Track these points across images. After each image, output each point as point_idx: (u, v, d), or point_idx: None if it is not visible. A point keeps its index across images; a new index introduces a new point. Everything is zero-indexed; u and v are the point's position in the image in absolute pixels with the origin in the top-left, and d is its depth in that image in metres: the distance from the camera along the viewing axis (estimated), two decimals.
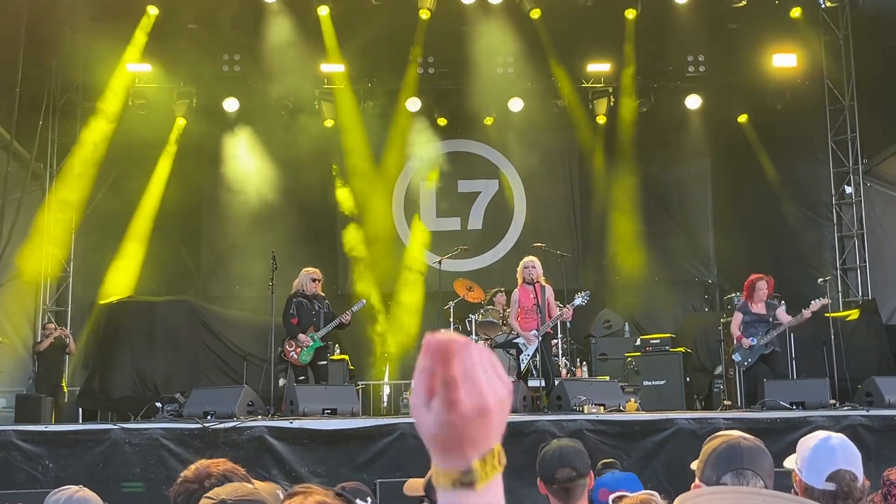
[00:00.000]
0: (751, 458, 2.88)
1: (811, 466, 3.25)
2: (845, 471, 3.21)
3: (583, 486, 3.93)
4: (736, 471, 2.85)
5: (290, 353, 11.42)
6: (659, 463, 8.91)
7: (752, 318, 11.42)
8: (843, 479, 3.20)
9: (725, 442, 2.93)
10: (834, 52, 16.70)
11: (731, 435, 2.97)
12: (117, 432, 9.02)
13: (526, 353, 11.12)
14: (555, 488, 3.91)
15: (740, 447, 2.90)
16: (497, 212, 17.15)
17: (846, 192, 16.79)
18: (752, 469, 2.85)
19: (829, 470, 3.22)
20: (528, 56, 16.34)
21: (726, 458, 2.89)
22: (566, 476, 3.90)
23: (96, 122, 15.56)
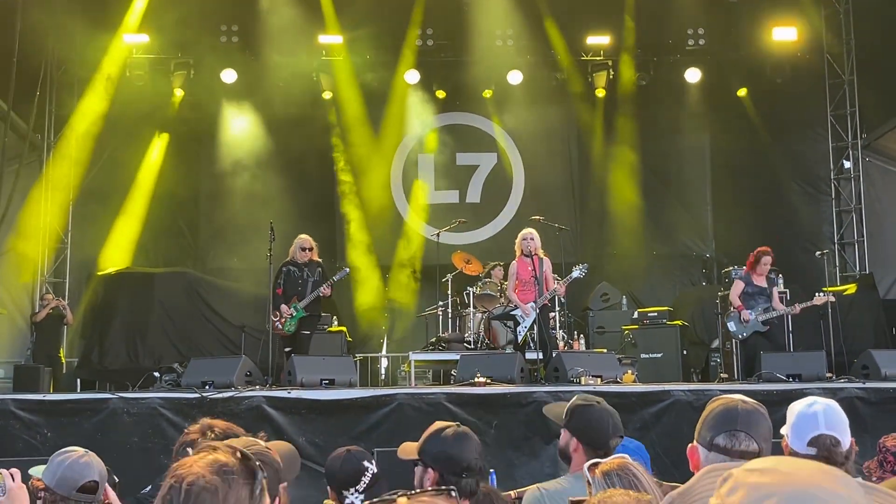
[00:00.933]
0: (746, 420, 2.89)
1: (795, 431, 3.29)
2: (826, 435, 3.23)
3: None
4: (730, 432, 2.87)
5: (276, 324, 11.42)
6: (655, 434, 8.93)
7: (754, 290, 11.42)
8: (824, 443, 3.23)
9: (724, 404, 2.95)
10: (834, 26, 16.64)
11: (731, 398, 2.98)
12: (116, 402, 9.03)
13: (523, 325, 11.13)
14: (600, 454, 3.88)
15: (737, 409, 2.91)
16: (495, 185, 17.14)
17: (845, 166, 16.78)
18: (746, 431, 2.87)
19: (811, 435, 3.25)
20: (528, 28, 16.29)
21: (722, 419, 2.90)
22: (616, 444, 3.96)
23: (93, 93, 15.50)
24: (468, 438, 3.74)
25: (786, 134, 16.84)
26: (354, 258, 16.22)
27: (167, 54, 16.22)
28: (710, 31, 16.60)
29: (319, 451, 8.30)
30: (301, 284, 11.40)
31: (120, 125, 15.68)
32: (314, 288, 11.37)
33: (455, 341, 13.18)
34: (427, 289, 15.45)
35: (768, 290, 11.44)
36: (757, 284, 11.43)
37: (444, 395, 9.17)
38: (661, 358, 13.44)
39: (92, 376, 14.45)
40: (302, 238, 11.68)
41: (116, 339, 14.47)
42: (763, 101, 16.79)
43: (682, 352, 13.56)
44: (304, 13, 15.57)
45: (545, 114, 17.27)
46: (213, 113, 16.44)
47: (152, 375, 11.00)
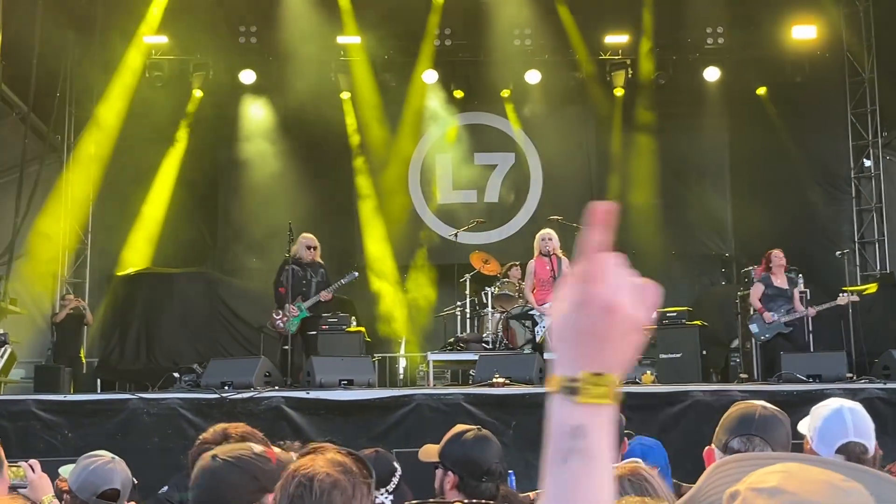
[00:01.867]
0: (762, 425, 2.87)
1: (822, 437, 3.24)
2: (855, 443, 3.20)
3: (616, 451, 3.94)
4: (745, 436, 2.86)
5: (277, 323, 11.42)
6: (675, 434, 8.89)
7: (775, 292, 11.38)
8: (853, 451, 3.19)
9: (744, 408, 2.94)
10: (854, 24, 16.52)
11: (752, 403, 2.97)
12: (135, 402, 9.08)
13: (541, 325, 11.13)
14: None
15: (755, 415, 2.90)
16: (514, 184, 17.11)
17: (865, 165, 16.68)
18: (762, 436, 2.85)
19: (839, 442, 3.21)
20: (546, 28, 16.26)
21: (739, 423, 2.89)
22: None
23: (113, 95, 15.57)
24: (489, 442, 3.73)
25: (805, 132, 16.73)
26: (373, 258, 16.25)
27: (186, 55, 16.28)
28: (729, 29, 16.51)
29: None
30: (305, 284, 11.40)
31: (139, 126, 15.72)
32: (318, 288, 11.36)
33: (473, 341, 13.17)
34: (445, 289, 15.43)
35: (789, 291, 11.39)
36: (777, 286, 11.38)
37: (462, 396, 9.18)
38: (680, 358, 13.34)
39: (112, 376, 14.52)
40: (306, 237, 11.67)
41: (136, 339, 14.55)
42: (782, 99, 16.70)
43: (701, 352, 13.46)
44: (322, 14, 15.58)
45: (563, 113, 17.23)
46: (232, 113, 16.50)
47: (172, 376, 11.05)
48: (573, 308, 1.35)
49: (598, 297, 1.35)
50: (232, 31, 16.17)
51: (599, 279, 1.35)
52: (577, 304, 1.35)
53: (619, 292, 1.35)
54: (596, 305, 1.34)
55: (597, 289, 1.35)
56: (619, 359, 1.35)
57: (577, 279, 1.36)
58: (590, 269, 1.36)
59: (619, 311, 1.34)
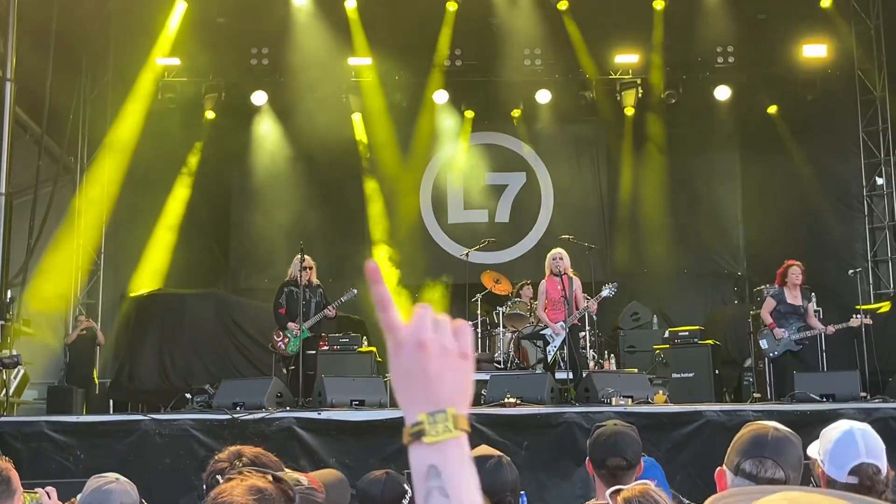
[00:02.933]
0: (775, 447, 2.86)
1: (833, 459, 3.22)
2: (868, 464, 3.18)
3: (631, 475, 3.93)
4: (758, 458, 2.84)
5: (278, 344, 11.45)
6: (688, 455, 8.86)
7: (787, 309, 11.29)
8: (866, 472, 3.17)
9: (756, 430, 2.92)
10: (865, 42, 16.51)
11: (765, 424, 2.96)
12: (147, 423, 9.09)
13: (553, 345, 11.10)
14: (603, 473, 3.91)
15: (767, 436, 2.88)
16: (525, 204, 17.13)
17: (877, 183, 16.63)
18: (774, 459, 2.83)
19: (852, 464, 3.19)
20: (556, 47, 16.31)
21: (751, 445, 2.88)
22: (616, 465, 3.91)
23: (126, 116, 15.66)
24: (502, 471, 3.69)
25: (817, 151, 16.70)
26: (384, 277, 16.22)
27: (199, 77, 16.37)
28: (740, 48, 16.51)
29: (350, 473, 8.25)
30: (305, 305, 11.45)
31: (152, 147, 15.79)
32: (317, 309, 11.41)
33: (485, 361, 13.15)
34: (456, 308, 15.41)
35: (803, 307, 11.32)
36: (790, 303, 11.30)
37: (473, 416, 9.06)
38: (692, 378, 13.31)
39: (124, 397, 14.54)
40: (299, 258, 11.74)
41: (148, 360, 14.57)
42: (794, 118, 16.69)
43: (714, 371, 13.43)
44: (333, 35, 15.67)
45: (574, 132, 17.29)
46: (244, 135, 16.59)
47: (184, 397, 11.06)
48: (392, 357, 1.45)
49: (405, 339, 1.43)
50: (244, 52, 16.26)
51: (401, 324, 1.44)
52: (393, 352, 1.44)
53: (425, 330, 1.44)
54: (407, 348, 1.43)
55: (402, 332, 1.44)
56: (451, 392, 1.44)
57: (385, 330, 1.45)
58: (389, 319, 1.46)
59: (431, 346, 1.43)
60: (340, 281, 14.51)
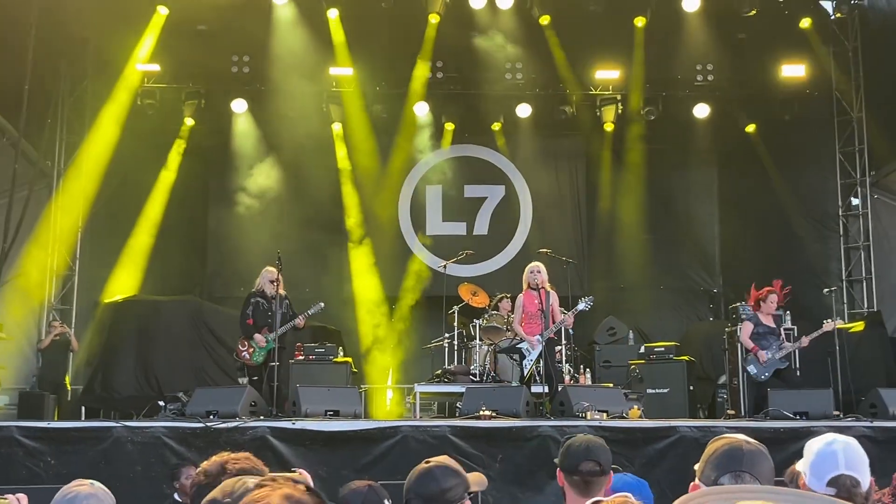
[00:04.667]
0: (751, 461, 2.86)
1: (814, 471, 3.24)
2: (846, 476, 3.19)
3: (602, 483, 3.94)
4: (735, 473, 2.84)
5: (243, 354, 11.41)
6: (662, 470, 8.87)
7: (764, 330, 11.38)
8: (844, 484, 3.18)
9: (728, 444, 2.92)
10: (843, 64, 16.66)
11: (734, 438, 2.96)
12: (120, 430, 9.01)
13: (529, 358, 11.10)
14: (576, 479, 3.91)
15: (742, 450, 2.88)
16: (503, 217, 17.16)
17: (853, 203, 16.76)
18: (751, 473, 2.84)
19: (830, 475, 3.20)
20: (537, 62, 16.37)
21: (727, 459, 2.87)
22: (590, 469, 3.91)
23: (105, 122, 15.57)
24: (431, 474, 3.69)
25: (794, 170, 16.83)
26: (361, 288, 16.24)
27: (179, 83, 16.32)
28: (719, 67, 16.62)
29: (323, 483, 8.25)
30: (271, 316, 11.42)
31: (130, 153, 15.70)
32: (284, 320, 11.37)
33: (461, 374, 13.14)
34: (433, 320, 15.40)
35: (777, 329, 11.42)
36: (766, 324, 11.40)
37: (448, 428, 9.14)
38: (667, 393, 13.36)
39: (96, 404, 14.41)
40: (269, 270, 11.73)
41: (121, 367, 14.44)
42: (771, 137, 16.81)
43: (688, 387, 13.48)
44: (314, 45, 15.65)
45: (554, 147, 17.35)
46: (223, 142, 16.53)
47: (157, 404, 10.98)
48: None
49: None
50: (224, 60, 16.22)
51: None
52: None
53: None
54: None
55: None
56: None
57: None
58: None
59: None
60: (316, 291, 14.47)
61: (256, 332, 11.41)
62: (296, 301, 12.19)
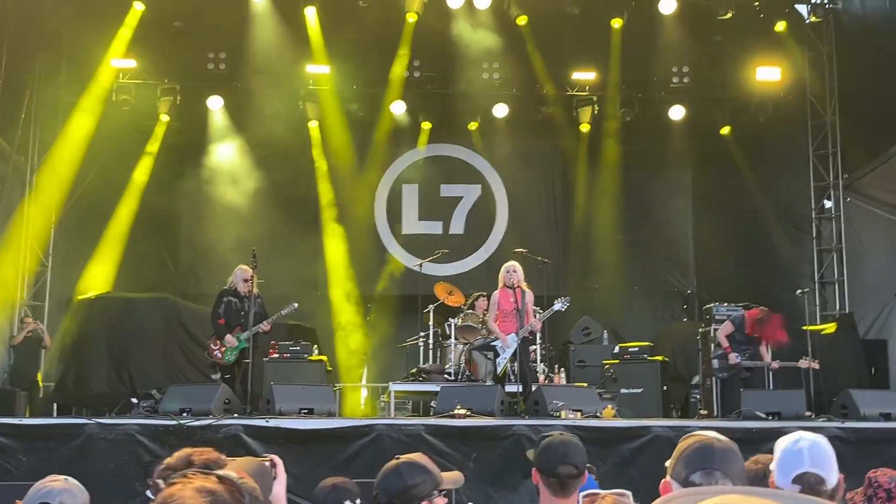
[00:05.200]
0: (722, 459, 2.89)
1: (780, 468, 3.27)
2: (810, 473, 3.21)
3: (578, 483, 3.96)
4: (706, 470, 2.87)
5: (215, 353, 11.37)
6: (635, 470, 8.92)
7: (743, 339, 11.48)
8: (808, 481, 3.21)
9: (699, 441, 2.94)
10: (817, 67, 16.80)
11: (705, 435, 2.98)
12: (92, 427, 8.95)
13: (503, 357, 11.12)
14: (552, 481, 3.93)
15: (713, 447, 2.91)
16: (479, 216, 17.18)
17: (826, 206, 16.89)
18: (722, 470, 2.87)
19: (796, 472, 3.23)
20: (514, 62, 16.39)
21: (698, 457, 2.90)
22: (567, 473, 3.93)
23: (79, 117, 15.47)
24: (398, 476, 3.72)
25: (768, 173, 16.94)
26: (336, 286, 16.21)
27: (154, 80, 16.22)
28: (695, 69, 16.71)
29: (297, 482, 8.22)
30: (244, 316, 11.37)
31: (105, 149, 15.60)
32: (256, 319, 11.33)
33: (435, 372, 13.15)
34: (408, 319, 15.39)
35: (757, 340, 11.50)
36: (748, 335, 11.50)
37: (423, 427, 9.14)
38: (641, 393, 13.42)
39: (69, 401, 14.31)
40: (243, 269, 11.68)
41: (94, 364, 14.35)
42: (746, 139, 16.91)
43: (662, 387, 13.56)
44: (291, 42, 15.61)
45: (530, 147, 17.39)
46: (199, 139, 16.44)
47: (130, 401, 10.93)
48: None
49: None
50: (201, 57, 16.14)
51: None
52: None
53: None
54: None
55: None
56: None
57: None
58: None
59: None
60: (291, 289, 14.43)
61: (228, 332, 11.36)
62: (270, 299, 12.16)
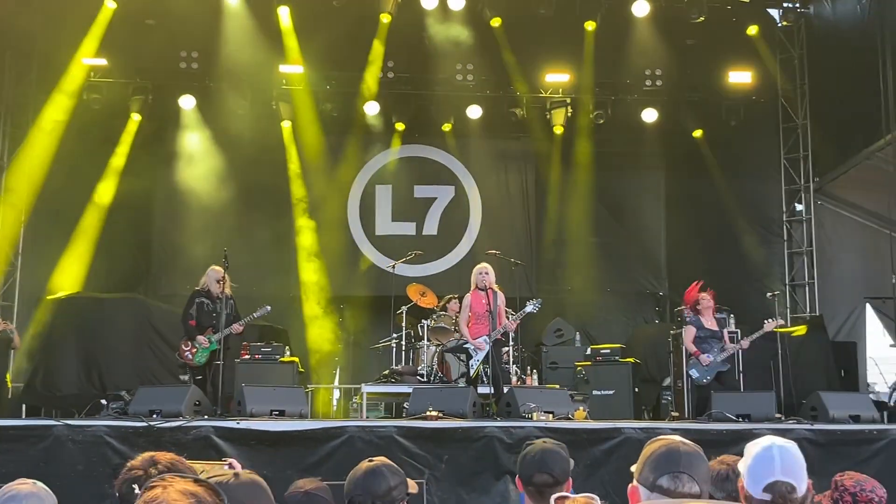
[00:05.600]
0: (688, 462, 2.89)
1: (751, 475, 3.25)
2: (782, 482, 3.20)
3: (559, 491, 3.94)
4: (673, 474, 2.87)
5: (185, 354, 11.29)
6: (606, 471, 8.94)
7: (706, 334, 11.50)
8: (779, 490, 3.20)
9: (665, 445, 2.95)
10: (789, 71, 16.92)
11: (671, 439, 2.99)
12: (60, 429, 8.86)
13: (476, 359, 11.12)
14: (531, 489, 3.94)
15: (679, 451, 2.91)
16: (453, 218, 17.17)
17: (797, 209, 17.02)
18: (689, 473, 2.87)
19: (767, 481, 3.22)
20: (488, 64, 16.41)
21: (665, 460, 2.90)
22: (542, 481, 3.92)
23: (49, 116, 15.33)
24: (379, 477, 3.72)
25: (740, 175, 17.05)
26: (309, 287, 16.15)
27: (126, 78, 16.11)
28: (668, 72, 16.78)
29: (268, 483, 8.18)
30: (215, 317, 11.30)
31: (76, 148, 15.46)
32: (228, 321, 11.25)
33: (408, 374, 13.14)
34: (381, 321, 15.37)
35: (720, 332, 11.55)
36: (708, 328, 11.53)
37: (395, 429, 9.11)
38: (612, 395, 13.46)
39: (37, 402, 14.15)
40: (215, 269, 11.59)
41: (64, 365, 14.20)
42: (718, 142, 17.01)
43: (634, 389, 13.60)
44: (265, 42, 15.54)
45: (503, 149, 17.41)
46: (171, 139, 16.32)
47: (99, 403, 10.82)
48: None
49: None
50: (173, 55, 16.04)
51: None
52: None
53: None
54: None
55: None
56: None
57: None
58: None
59: None
60: (263, 290, 14.37)
61: (199, 334, 11.27)
62: (242, 299, 12.09)
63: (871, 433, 9.67)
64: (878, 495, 4.40)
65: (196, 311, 11.42)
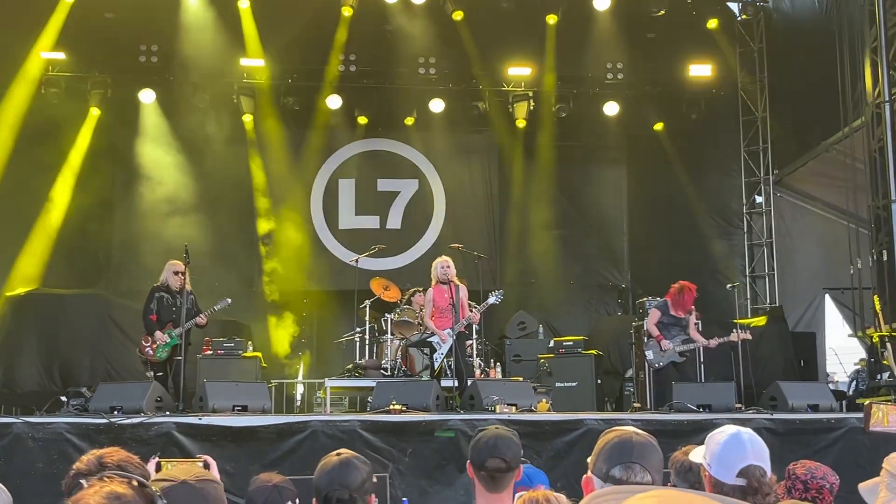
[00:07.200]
0: (640, 452, 2.93)
1: (721, 461, 3.29)
2: (755, 466, 3.26)
3: (510, 478, 3.98)
4: (625, 464, 2.91)
5: (146, 350, 11.22)
6: (569, 463, 8.98)
7: (670, 321, 11.58)
8: (753, 474, 3.25)
9: (618, 436, 2.99)
10: (748, 64, 17.07)
11: (624, 430, 3.02)
12: (20, 426, 8.77)
13: (440, 352, 11.14)
14: (483, 475, 3.96)
15: (631, 442, 2.95)
16: (416, 211, 17.18)
17: (757, 201, 17.17)
18: (641, 463, 2.91)
19: (740, 466, 3.26)
20: (450, 58, 16.41)
21: (618, 451, 2.94)
22: (495, 466, 3.94)
23: (6, 110, 15.14)
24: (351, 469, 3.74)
25: (700, 168, 17.18)
26: (271, 282, 16.09)
27: (84, 72, 15.94)
28: (629, 65, 16.89)
29: (231, 479, 8.15)
30: (175, 312, 11.21)
31: (34, 143, 15.30)
32: (189, 315, 11.17)
33: (372, 368, 13.13)
34: (345, 315, 15.34)
35: (684, 320, 11.63)
36: (673, 315, 11.61)
37: (358, 423, 9.11)
38: (575, 387, 13.54)
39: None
40: (173, 263, 11.49)
41: (24, 362, 14.04)
42: (678, 135, 17.14)
43: (596, 381, 13.69)
44: (225, 36, 15.44)
45: (466, 142, 17.43)
46: (130, 133, 16.17)
47: (59, 399, 10.71)
48: None
49: None
50: (132, 49, 15.92)
51: None
52: None
53: None
54: None
55: None
56: None
57: None
58: None
59: None
60: (224, 285, 14.31)
61: (159, 329, 11.19)
62: (204, 295, 12.01)
63: (830, 422, 9.80)
64: (830, 482, 4.46)
65: (156, 305, 11.31)
